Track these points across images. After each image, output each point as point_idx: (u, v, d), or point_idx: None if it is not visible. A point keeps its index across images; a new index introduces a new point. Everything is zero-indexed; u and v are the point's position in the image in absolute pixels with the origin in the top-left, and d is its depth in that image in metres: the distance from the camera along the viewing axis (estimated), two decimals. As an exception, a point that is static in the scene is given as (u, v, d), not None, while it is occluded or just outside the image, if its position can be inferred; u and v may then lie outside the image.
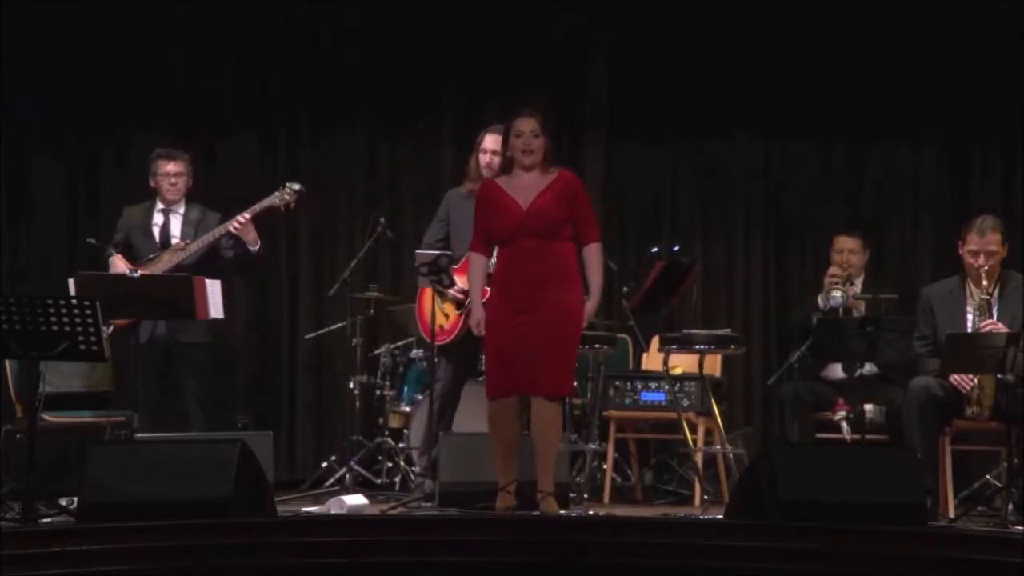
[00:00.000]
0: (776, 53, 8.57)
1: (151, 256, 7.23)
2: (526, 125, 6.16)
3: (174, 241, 7.31)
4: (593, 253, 6.20)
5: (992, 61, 8.37)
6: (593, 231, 6.22)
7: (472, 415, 6.96)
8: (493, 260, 6.39)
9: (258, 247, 7.27)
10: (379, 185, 8.81)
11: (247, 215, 7.17)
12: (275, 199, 7.24)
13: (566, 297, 6.10)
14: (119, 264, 7.16)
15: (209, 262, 7.25)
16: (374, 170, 8.82)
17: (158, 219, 7.40)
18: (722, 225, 8.78)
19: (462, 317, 6.86)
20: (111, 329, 6.97)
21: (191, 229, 7.34)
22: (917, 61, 8.51)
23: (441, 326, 6.80)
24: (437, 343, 6.80)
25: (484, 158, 6.96)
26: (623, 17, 8.63)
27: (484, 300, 6.25)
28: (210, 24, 8.55)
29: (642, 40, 8.65)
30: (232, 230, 7.15)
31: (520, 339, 6.02)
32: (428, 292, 7.00)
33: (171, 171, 7.38)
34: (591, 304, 6.18)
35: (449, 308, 6.86)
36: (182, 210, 7.43)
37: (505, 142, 6.22)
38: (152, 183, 7.43)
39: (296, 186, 7.27)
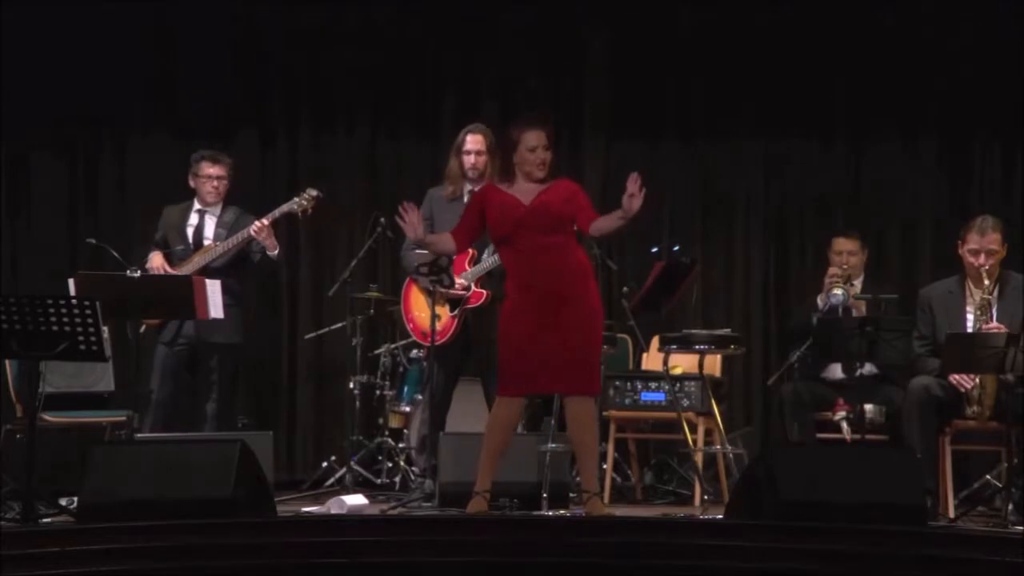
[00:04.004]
0: (776, 53, 8.56)
1: (182, 256, 7.26)
2: (539, 139, 6.10)
3: (206, 242, 7.35)
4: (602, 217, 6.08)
5: (992, 61, 8.36)
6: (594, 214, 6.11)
7: (468, 415, 6.96)
8: (494, 258, 6.41)
9: (277, 252, 7.29)
10: (379, 185, 8.80)
11: (266, 220, 7.19)
12: (293, 205, 7.27)
13: (588, 298, 6.08)
14: (157, 261, 7.22)
15: (239, 265, 7.28)
16: (374, 170, 8.82)
17: (193, 220, 7.44)
18: (722, 225, 8.77)
19: (455, 319, 6.86)
20: (143, 329, 7.03)
21: (224, 231, 7.37)
22: (917, 61, 8.50)
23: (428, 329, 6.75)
24: (429, 344, 6.79)
25: (469, 159, 6.95)
26: (623, 17, 8.63)
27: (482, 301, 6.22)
28: (211, 23, 8.55)
29: (642, 40, 8.64)
30: (252, 234, 7.17)
31: (544, 341, 5.98)
32: (413, 292, 7.00)
33: (213, 174, 7.40)
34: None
35: (442, 310, 6.84)
36: (218, 211, 7.44)
37: (511, 150, 6.15)
38: (192, 183, 7.45)
39: (314, 192, 7.29)
